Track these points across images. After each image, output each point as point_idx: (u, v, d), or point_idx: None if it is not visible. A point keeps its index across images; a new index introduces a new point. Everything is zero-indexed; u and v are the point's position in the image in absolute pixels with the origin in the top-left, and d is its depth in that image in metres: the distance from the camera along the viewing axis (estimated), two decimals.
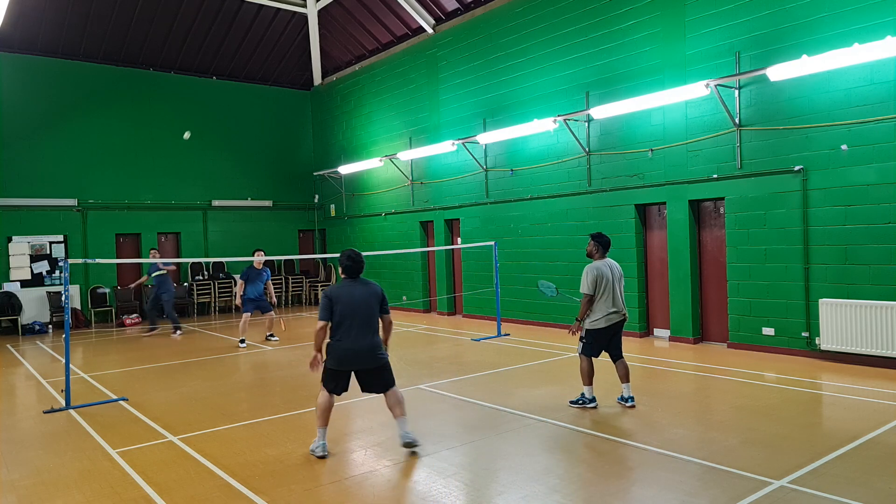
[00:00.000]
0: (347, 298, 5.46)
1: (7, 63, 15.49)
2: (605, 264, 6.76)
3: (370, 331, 5.50)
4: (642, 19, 10.67)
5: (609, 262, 6.84)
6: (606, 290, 6.65)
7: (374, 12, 16.55)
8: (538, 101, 12.47)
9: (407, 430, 5.56)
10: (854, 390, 7.07)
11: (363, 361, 5.49)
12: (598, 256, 6.83)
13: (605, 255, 6.87)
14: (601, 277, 6.65)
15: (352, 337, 5.42)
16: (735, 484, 4.57)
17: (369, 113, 17.77)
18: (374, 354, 5.50)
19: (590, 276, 6.67)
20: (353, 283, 5.61)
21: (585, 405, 6.70)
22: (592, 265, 6.75)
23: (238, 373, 9.38)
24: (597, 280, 6.64)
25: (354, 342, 5.42)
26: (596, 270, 6.68)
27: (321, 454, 5.46)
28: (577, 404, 6.74)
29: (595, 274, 6.66)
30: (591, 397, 6.73)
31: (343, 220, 19.11)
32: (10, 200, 15.25)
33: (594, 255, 6.86)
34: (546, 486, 4.72)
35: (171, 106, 17.77)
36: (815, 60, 8.07)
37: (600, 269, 6.69)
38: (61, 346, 12.59)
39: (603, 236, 6.88)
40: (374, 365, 5.52)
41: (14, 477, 5.31)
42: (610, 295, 6.67)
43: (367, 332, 5.47)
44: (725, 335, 9.95)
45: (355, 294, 5.51)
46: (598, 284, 6.63)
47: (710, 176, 9.86)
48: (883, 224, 8.05)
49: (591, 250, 6.88)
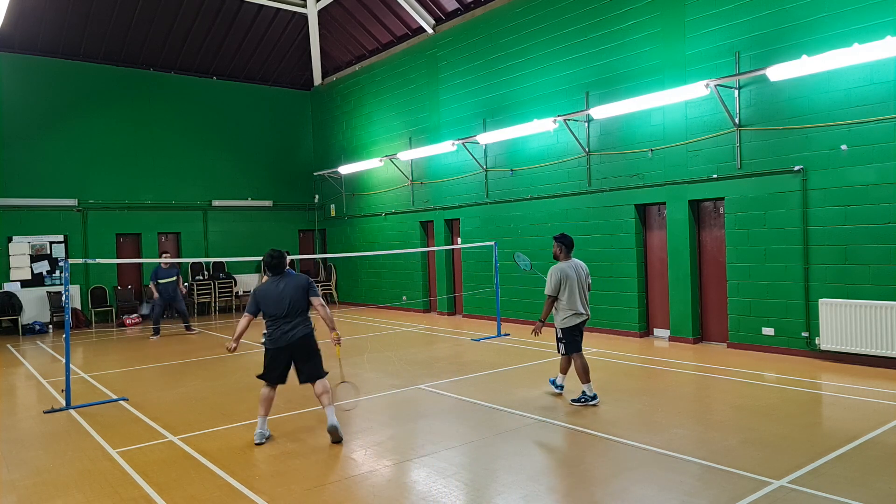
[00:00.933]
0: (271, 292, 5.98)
1: (7, 63, 15.50)
2: (570, 265, 6.93)
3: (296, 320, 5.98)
4: (642, 19, 10.68)
5: (575, 262, 7.01)
6: (572, 290, 6.82)
7: (374, 12, 16.56)
8: (538, 101, 12.47)
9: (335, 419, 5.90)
10: (854, 390, 7.07)
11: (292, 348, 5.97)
12: (564, 257, 7.01)
13: (570, 256, 7.05)
14: (566, 278, 6.83)
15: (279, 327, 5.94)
16: (735, 484, 4.57)
17: (369, 113, 17.77)
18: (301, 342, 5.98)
19: (554, 277, 6.85)
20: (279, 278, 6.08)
21: (588, 402, 6.75)
22: (557, 266, 6.91)
23: (238, 373, 9.38)
24: (561, 281, 6.82)
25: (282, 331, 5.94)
26: (560, 272, 6.86)
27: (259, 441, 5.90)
28: (578, 402, 6.80)
29: (559, 275, 6.84)
30: (592, 394, 6.80)
31: (343, 220, 19.11)
32: (10, 200, 15.25)
33: (559, 257, 7.02)
34: (546, 486, 4.72)
35: (171, 106, 17.77)
36: (815, 60, 8.07)
37: (564, 271, 6.87)
38: (61, 345, 12.60)
39: (566, 237, 7.05)
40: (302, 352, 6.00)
41: (14, 477, 5.31)
42: (575, 295, 6.84)
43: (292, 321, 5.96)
44: (725, 335, 9.95)
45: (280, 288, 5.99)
46: (563, 285, 6.82)
47: (710, 176, 9.86)
48: (883, 224, 8.05)
49: (556, 252, 7.05)
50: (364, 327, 13.90)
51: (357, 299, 18.67)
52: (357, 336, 12.63)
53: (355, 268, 18.73)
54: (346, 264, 19.12)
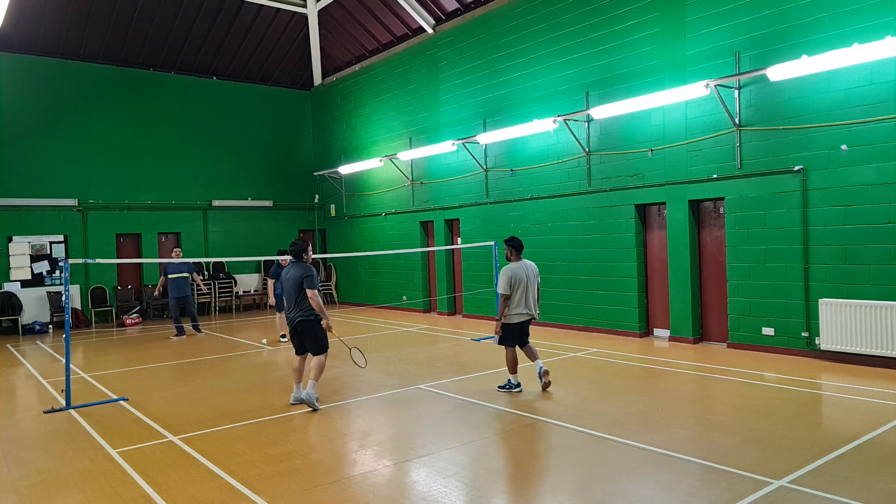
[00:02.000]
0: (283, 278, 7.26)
1: (7, 63, 15.50)
2: (520, 266, 7.38)
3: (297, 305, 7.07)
4: (642, 19, 10.68)
5: (525, 263, 7.47)
6: (520, 289, 7.31)
7: (374, 12, 16.56)
8: (538, 101, 12.47)
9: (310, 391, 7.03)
10: (854, 390, 7.07)
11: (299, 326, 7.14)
12: (514, 259, 7.44)
13: (521, 258, 7.49)
14: (515, 278, 7.28)
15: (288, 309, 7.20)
16: (735, 484, 4.57)
17: (369, 113, 17.77)
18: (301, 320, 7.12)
19: (504, 277, 7.30)
20: (290, 266, 7.28)
21: (511, 390, 7.44)
22: (508, 267, 7.36)
23: (238, 373, 9.39)
24: (511, 280, 7.26)
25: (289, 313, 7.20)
26: (511, 272, 7.30)
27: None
28: (504, 388, 7.51)
29: (510, 275, 7.28)
30: (516, 383, 7.48)
31: (343, 220, 19.11)
32: (10, 200, 15.25)
33: (511, 258, 7.45)
34: (546, 486, 4.72)
35: (171, 106, 17.77)
36: (815, 60, 8.07)
37: (515, 271, 7.32)
38: (61, 345, 12.60)
39: (515, 240, 7.51)
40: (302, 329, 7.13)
41: (14, 477, 5.31)
42: (523, 295, 7.33)
43: (294, 306, 7.09)
44: (725, 335, 9.95)
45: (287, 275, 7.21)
46: (514, 285, 7.27)
47: (710, 176, 9.86)
48: (883, 224, 8.05)
49: (507, 254, 7.50)
50: (364, 327, 13.90)
51: (357, 299, 18.67)
52: (357, 336, 12.63)
53: (355, 268, 18.73)
54: (346, 264, 19.13)
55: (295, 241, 7.37)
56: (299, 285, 7.02)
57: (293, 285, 7.06)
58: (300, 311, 7.06)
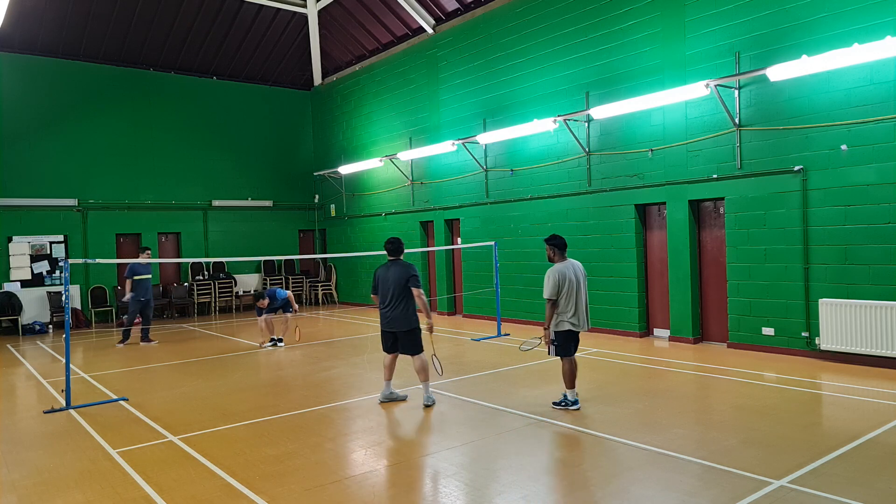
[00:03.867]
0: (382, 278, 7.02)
1: (7, 63, 15.50)
2: (566, 266, 6.61)
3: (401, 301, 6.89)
4: (642, 19, 10.68)
5: (572, 263, 6.70)
6: (569, 291, 6.53)
7: (374, 12, 16.56)
8: (538, 101, 12.47)
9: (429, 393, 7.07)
10: (854, 390, 7.07)
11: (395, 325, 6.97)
12: (558, 259, 6.70)
13: (565, 257, 6.74)
14: (563, 280, 6.52)
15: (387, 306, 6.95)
16: (735, 484, 4.57)
17: (369, 113, 17.77)
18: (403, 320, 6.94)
19: (551, 279, 6.52)
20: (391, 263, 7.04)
21: (569, 407, 6.64)
22: (553, 268, 6.60)
23: (238, 373, 9.38)
24: (558, 282, 6.51)
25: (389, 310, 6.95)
26: (556, 273, 6.54)
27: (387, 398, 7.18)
28: (560, 405, 6.70)
29: (556, 276, 6.52)
30: (573, 399, 6.67)
31: (343, 220, 19.11)
32: (10, 200, 15.25)
33: (554, 259, 6.72)
34: (546, 486, 4.72)
35: (171, 106, 17.77)
36: (815, 60, 8.07)
37: (562, 272, 6.55)
38: (61, 346, 12.59)
39: (557, 238, 6.73)
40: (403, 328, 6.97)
41: (14, 477, 5.31)
42: (573, 298, 6.55)
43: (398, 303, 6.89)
44: (725, 335, 9.95)
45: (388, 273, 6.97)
46: (561, 287, 6.51)
47: (710, 176, 9.86)
48: (883, 224, 8.05)
49: (549, 255, 6.76)
50: (364, 327, 13.90)
51: (357, 299, 18.67)
52: (357, 336, 12.63)
53: (355, 268, 18.73)
54: (346, 264, 19.12)
55: (393, 239, 7.12)
56: (404, 285, 6.83)
57: (396, 284, 6.84)
58: (405, 314, 6.87)
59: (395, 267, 6.95)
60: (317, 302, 19.45)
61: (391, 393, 7.24)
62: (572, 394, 6.68)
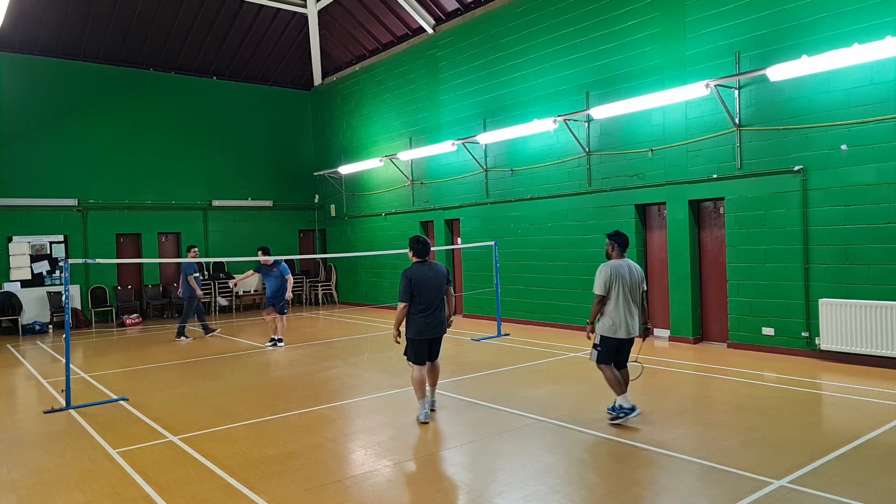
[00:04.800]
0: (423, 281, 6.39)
1: (7, 63, 15.50)
2: (622, 264, 6.10)
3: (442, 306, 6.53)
4: (642, 19, 10.68)
5: (628, 262, 6.17)
6: (619, 290, 6.00)
7: (374, 12, 16.56)
8: (538, 101, 12.47)
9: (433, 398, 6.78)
10: (854, 390, 7.07)
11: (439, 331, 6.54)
12: (616, 255, 6.20)
13: (624, 255, 6.24)
14: (616, 277, 6.01)
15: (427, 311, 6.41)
16: (735, 484, 4.57)
17: (369, 113, 17.77)
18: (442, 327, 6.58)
19: (602, 274, 6.05)
20: (424, 265, 6.52)
21: (628, 416, 5.98)
22: (607, 264, 6.12)
23: (238, 373, 9.38)
24: (609, 279, 5.99)
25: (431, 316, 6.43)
26: (609, 269, 6.04)
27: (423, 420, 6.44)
28: (617, 418, 6.04)
29: (608, 273, 6.01)
30: (629, 406, 5.99)
31: (343, 220, 19.11)
32: (10, 200, 15.25)
33: (611, 255, 6.24)
34: (546, 486, 4.72)
35: (171, 106, 17.77)
36: (815, 60, 8.07)
37: (615, 269, 6.04)
38: (61, 346, 12.60)
39: (620, 234, 6.24)
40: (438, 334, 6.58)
41: (14, 477, 5.31)
42: (624, 300, 6.01)
43: (439, 307, 6.49)
44: (725, 335, 9.95)
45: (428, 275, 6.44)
46: (611, 284, 5.99)
47: (710, 176, 9.86)
48: (883, 224, 8.05)
49: (608, 250, 6.27)
50: (364, 327, 13.90)
51: (357, 299, 18.67)
52: (357, 336, 12.63)
53: (355, 268, 18.73)
54: (346, 264, 19.12)
55: (422, 239, 6.55)
56: (443, 286, 6.49)
57: (438, 288, 6.41)
58: (444, 318, 6.56)
59: (431, 269, 6.48)
60: (317, 302, 19.45)
61: (432, 401, 6.76)
62: (625, 399, 6.00)
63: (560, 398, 7.15)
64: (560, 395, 7.27)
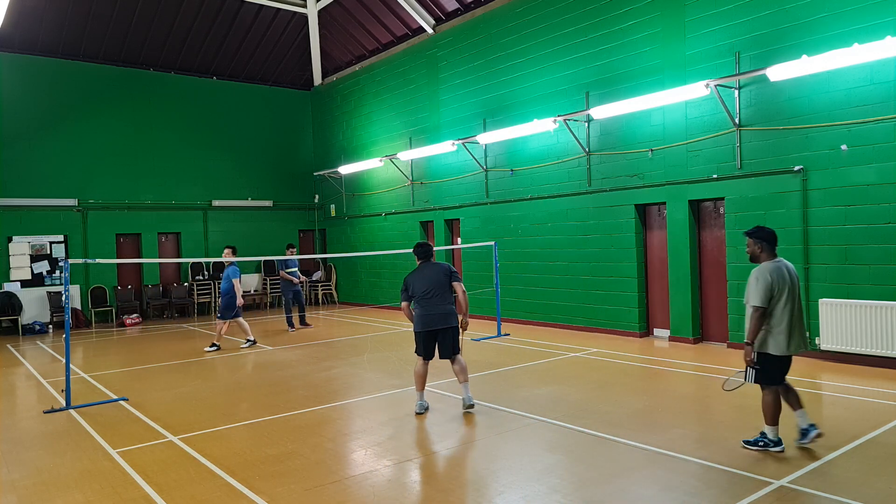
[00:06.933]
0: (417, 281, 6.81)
1: (7, 63, 15.49)
2: (780, 265, 5.18)
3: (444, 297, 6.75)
4: (642, 19, 10.68)
5: (784, 263, 5.25)
6: (789, 299, 5.06)
7: (374, 12, 16.56)
8: (538, 101, 12.47)
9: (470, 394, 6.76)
10: (854, 390, 7.07)
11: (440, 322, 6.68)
12: (766, 256, 5.26)
13: (776, 254, 5.29)
14: (780, 282, 5.06)
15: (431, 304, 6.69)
16: (735, 484, 4.57)
17: (369, 113, 17.77)
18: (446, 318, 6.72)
19: (762, 281, 5.06)
20: (423, 266, 6.95)
21: (768, 448, 5.17)
22: (763, 267, 5.15)
23: (238, 373, 9.39)
24: (771, 286, 5.03)
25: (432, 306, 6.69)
26: (770, 273, 5.06)
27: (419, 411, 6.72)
28: (754, 446, 5.23)
29: (769, 278, 5.04)
30: (776, 439, 5.18)
31: (343, 220, 19.11)
32: (10, 200, 15.25)
33: (760, 257, 5.30)
34: (546, 486, 4.72)
35: (171, 106, 17.77)
36: (815, 60, 8.07)
37: (776, 272, 5.09)
38: (61, 346, 12.60)
39: (765, 230, 5.29)
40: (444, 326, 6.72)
41: (14, 477, 5.31)
42: (789, 309, 5.07)
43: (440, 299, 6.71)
44: (725, 335, 9.95)
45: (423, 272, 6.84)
46: (774, 292, 5.05)
47: (710, 176, 9.86)
48: (883, 224, 8.05)
49: (754, 251, 5.32)
50: (364, 327, 13.90)
51: (357, 299, 18.67)
52: (357, 336, 12.63)
53: (355, 268, 18.73)
54: (346, 264, 19.12)
55: (423, 243, 7.12)
56: (445, 281, 6.75)
57: (436, 282, 6.73)
58: (451, 308, 6.71)
59: (430, 267, 6.87)
60: (317, 302, 19.45)
61: (469, 397, 6.74)
62: (773, 432, 5.17)
63: (560, 398, 7.15)
64: (560, 395, 7.27)
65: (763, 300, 5.05)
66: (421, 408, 6.75)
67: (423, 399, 6.82)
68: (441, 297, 6.70)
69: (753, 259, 5.38)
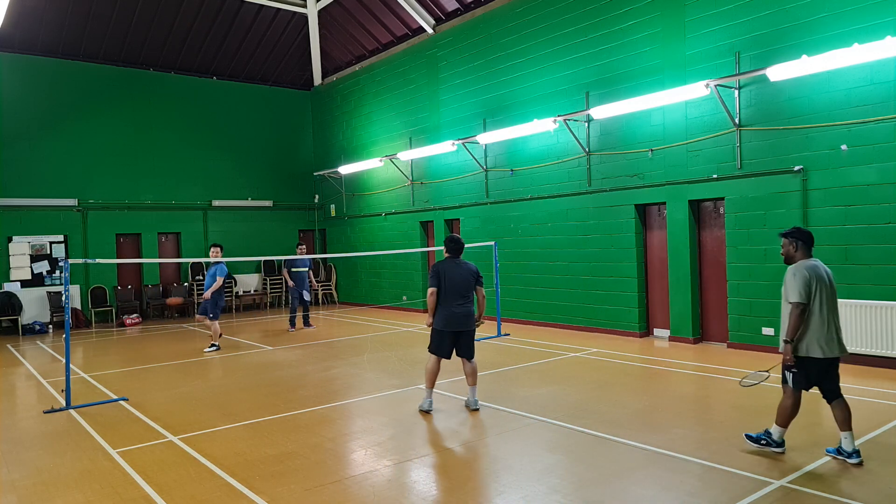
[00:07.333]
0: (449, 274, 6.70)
1: (7, 63, 15.49)
2: (818, 265, 5.07)
3: (470, 300, 6.76)
4: (642, 19, 10.68)
5: (821, 263, 5.15)
6: (825, 299, 4.95)
7: (374, 12, 16.56)
8: (538, 101, 12.47)
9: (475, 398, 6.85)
10: (854, 390, 7.06)
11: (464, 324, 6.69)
12: (801, 256, 5.15)
13: (811, 255, 5.17)
14: (816, 280, 4.95)
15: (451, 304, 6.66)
16: (735, 484, 4.57)
17: (369, 113, 17.77)
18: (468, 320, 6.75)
19: (799, 277, 4.93)
20: (454, 261, 6.81)
21: (770, 447, 5.17)
22: (800, 263, 5.05)
23: (238, 373, 9.38)
24: (808, 282, 4.91)
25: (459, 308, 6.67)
26: (807, 271, 4.95)
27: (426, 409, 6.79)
28: (755, 443, 5.26)
29: (806, 275, 4.93)
30: (779, 440, 5.16)
31: (343, 220, 19.11)
32: (10, 200, 15.25)
33: (794, 258, 5.18)
34: (546, 486, 4.72)
35: (171, 106, 17.77)
36: (815, 60, 8.07)
37: (813, 270, 4.97)
38: (61, 345, 12.60)
39: (801, 231, 5.18)
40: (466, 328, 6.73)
41: (14, 477, 5.31)
42: (831, 310, 4.97)
43: (467, 301, 6.72)
44: (725, 335, 9.95)
45: (455, 269, 6.73)
46: (813, 289, 4.93)
47: (710, 176, 9.86)
48: (883, 224, 8.05)
49: (789, 251, 5.21)
50: (364, 327, 13.90)
51: (357, 299, 18.67)
52: (357, 336, 12.63)
53: (355, 268, 18.73)
54: (346, 264, 19.12)
55: (455, 237, 6.88)
56: (473, 283, 6.74)
57: (467, 283, 6.68)
58: (472, 312, 6.75)
59: (459, 265, 6.77)
60: (317, 302, 19.45)
61: (475, 400, 6.83)
62: (780, 433, 5.15)
63: (560, 398, 7.15)
64: (560, 395, 7.27)
65: (803, 296, 4.89)
66: (428, 405, 6.78)
67: (430, 397, 6.84)
68: (466, 297, 6.73)
69: (788, 260, 5.26)
